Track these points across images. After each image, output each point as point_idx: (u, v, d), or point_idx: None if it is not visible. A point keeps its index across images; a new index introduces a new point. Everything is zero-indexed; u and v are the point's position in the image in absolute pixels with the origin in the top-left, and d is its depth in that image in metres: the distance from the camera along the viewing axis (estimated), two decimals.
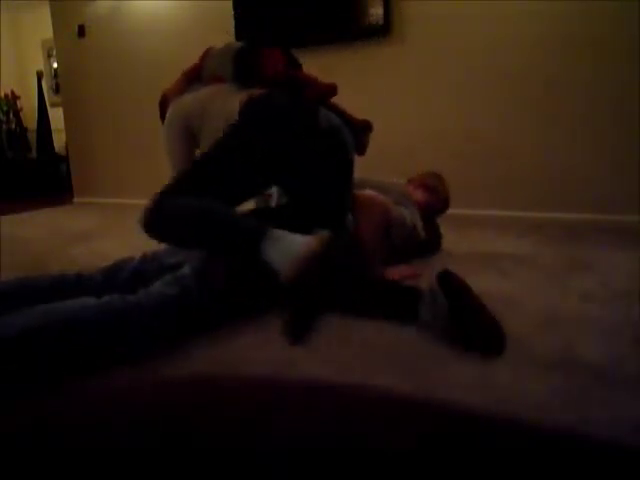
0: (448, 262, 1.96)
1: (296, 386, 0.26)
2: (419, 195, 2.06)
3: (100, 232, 2.91)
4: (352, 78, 3.07)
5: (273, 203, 1.95)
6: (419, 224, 1.91)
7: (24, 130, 5.67)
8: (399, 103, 2.98)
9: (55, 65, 5.10)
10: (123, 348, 1.15)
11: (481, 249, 2.14)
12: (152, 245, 1.45)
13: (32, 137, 5.54)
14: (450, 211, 2.20)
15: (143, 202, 1.85)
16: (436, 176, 2.18)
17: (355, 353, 1.17)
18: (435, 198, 2.11)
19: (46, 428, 0.21)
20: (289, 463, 0.19)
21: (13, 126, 5.67)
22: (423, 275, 1.76)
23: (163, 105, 2.04)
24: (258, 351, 1.21)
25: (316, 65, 3.17)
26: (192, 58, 2.08)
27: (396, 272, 1.75)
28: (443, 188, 2.15)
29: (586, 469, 0.20)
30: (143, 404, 0.24)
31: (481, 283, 1.69)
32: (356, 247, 1.63)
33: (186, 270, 1.34)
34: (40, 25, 5.40)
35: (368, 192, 1.79)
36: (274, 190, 1.97)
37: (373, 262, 1.72)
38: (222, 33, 3.28)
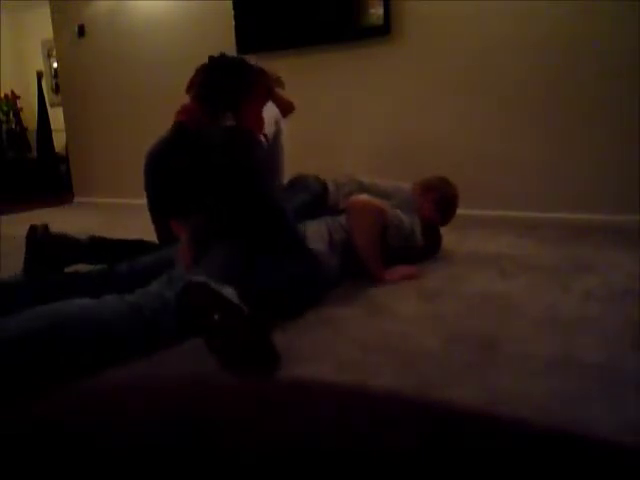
0: (448, 262, 1.96)
1: (296, 386, 0.26)
2: (425, 206, 2.01)
3: (100, 232, 2.90)
4: (352, 78, 3.07)
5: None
6: (418, 230, 1.89)
7: (24, 130, 5.67)
8: (399, 103, 2.98)
9: (55, 65, 5.10)
10: (122, 348, 1.16)
11: (481, 249, 2.14)
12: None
13: (32, 137, 5.54)
14: None
15: (143, 202, 1.85)
16: (445, 182, 2.09)
17: (355, 353, 1.18)
18: (441, 215, 2.05)
19: (46, 429, 0.21)
20: (289, 463, 0.19)
21: (13, 126, 5.67)
22: (423, 275, 1.77)
23: None
24: None
25: (316, 65, 3.19)
26: (192, 58, 2.08)
27: (397, 273, 1.75)
28: (453, 194, 2.07)
29: (586, 469, 0.20)
30: (142, 404, 0.24)
31: (481, 283, 1.70)
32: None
33: (178, 271, 1.35)
34: (40, 25, 5.40)
35: (363, 196, 1.80)
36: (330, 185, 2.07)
37: (371, 264, 1.72)
38: (221, 33, 3.28)
